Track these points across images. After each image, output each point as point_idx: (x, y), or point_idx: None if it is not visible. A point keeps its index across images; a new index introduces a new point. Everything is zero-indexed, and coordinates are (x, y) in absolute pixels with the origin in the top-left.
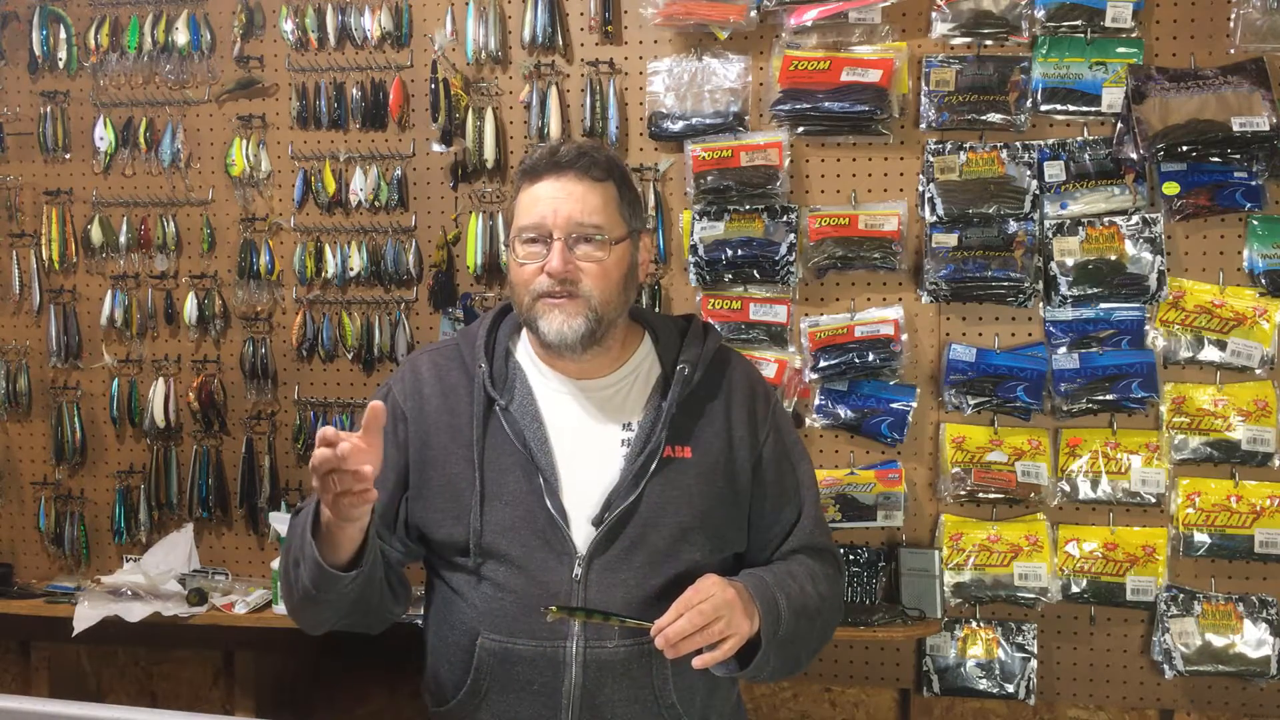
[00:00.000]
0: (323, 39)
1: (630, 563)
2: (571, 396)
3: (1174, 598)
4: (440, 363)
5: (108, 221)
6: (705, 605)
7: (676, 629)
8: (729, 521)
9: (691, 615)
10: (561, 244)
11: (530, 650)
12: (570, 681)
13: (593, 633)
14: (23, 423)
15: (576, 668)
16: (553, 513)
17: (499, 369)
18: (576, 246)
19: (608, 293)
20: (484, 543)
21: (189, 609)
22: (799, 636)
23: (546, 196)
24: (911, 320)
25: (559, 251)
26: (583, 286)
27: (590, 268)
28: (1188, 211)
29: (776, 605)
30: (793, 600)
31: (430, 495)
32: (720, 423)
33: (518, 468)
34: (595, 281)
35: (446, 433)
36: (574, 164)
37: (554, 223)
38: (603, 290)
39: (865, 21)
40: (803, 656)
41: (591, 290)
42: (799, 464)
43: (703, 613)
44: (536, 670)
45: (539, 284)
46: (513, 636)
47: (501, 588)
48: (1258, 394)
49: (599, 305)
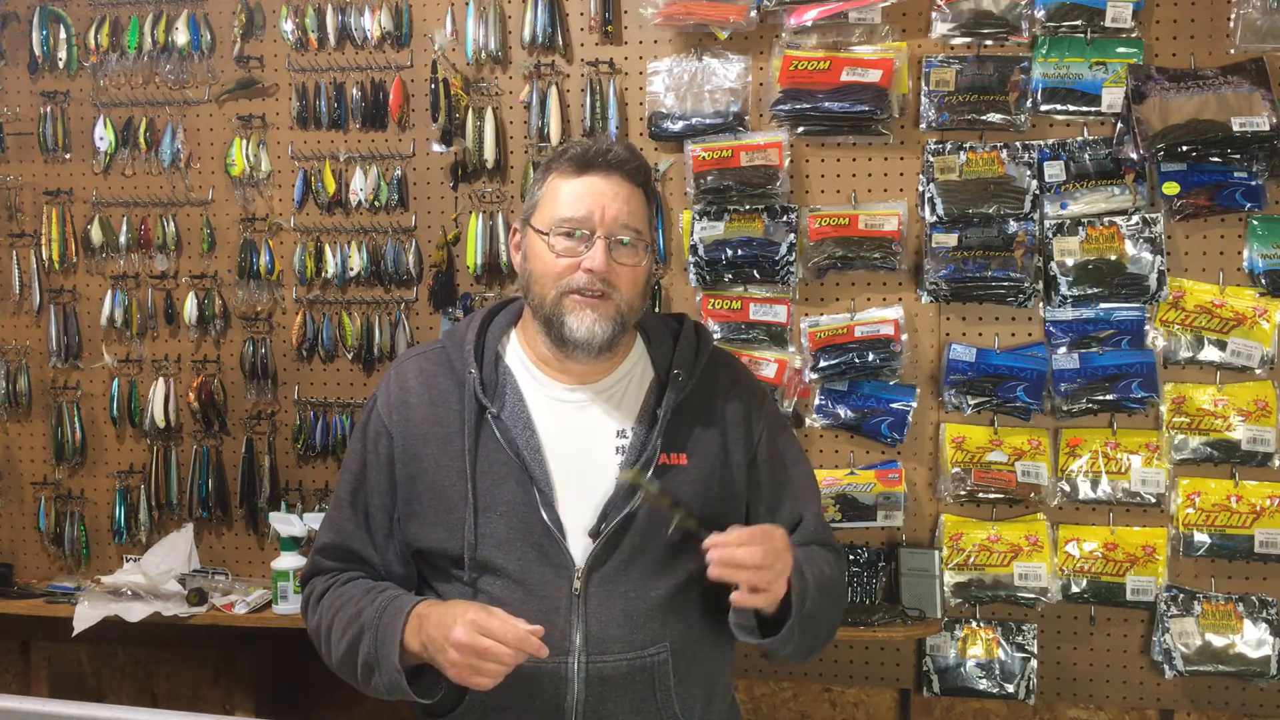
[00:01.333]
0: (323, 39)
1: (629, 574)
2: (565, 403)
3: (1174, 598)
4: (427, 369)
5: (108, 221)
6: (768, 547)
7: (741, 554)
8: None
9: (754, 550)
10: (605, 243)
11: (531, 666)
12: (573, 697)
13: (594, 648)
14: (23, 423)
15: (579, 683)
16: (549, 524)
17: (489, 375)
18: (616, 248)
19: (635, 299)
20: (478, 556)
21: (189, 609)
22: (820, 614)
23: (595, 192)
24: (911, 320)
25: (602, 249)
26: (617, 288)
27: (625, 272)
28: (1188, 211)
29: (804, 578)
30: (815, 577)
31: (421, 509)
32: (714, 427)
33: (511, 478)
34: (628, 286)
35: (436, 443)
36: (624, 165)
37: (601, 219)
38: (632, 296)
39: (865, 21)
40: (820, 637)
41: (624, 293)
42: (796, 464)
43: (766, 553)
44: (538, 687)
45: (574, 279)
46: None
47: (498, 602)
48: (1258, 394)
49: (627, 310)
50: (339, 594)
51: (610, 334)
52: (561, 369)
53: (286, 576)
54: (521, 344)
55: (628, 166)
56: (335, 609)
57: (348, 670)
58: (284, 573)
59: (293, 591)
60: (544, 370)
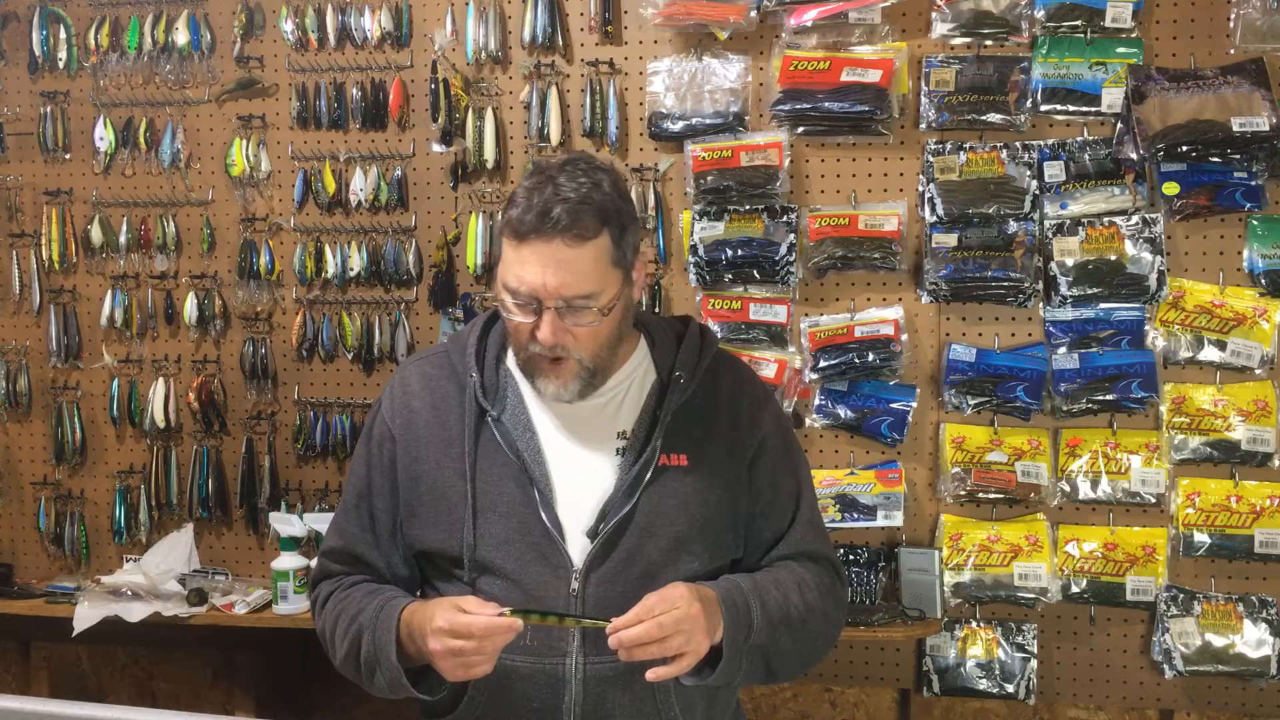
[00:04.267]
0: (323, 39)
1: (627, 575)
2: (565, 404)
3: (1174, 598)
4: (430, 373)
5: (108, 221)
6: (666, 618)
7: (632, 635)
8: (728, 529)
9: (650, 626)
10: (552, 313)
11: (528, 667)
12: (570, 698)
13: (592, 648)
14: (23, 423)
15: (576, 684)
16: (548, 525)
17: (490, 378)
18: (567, 315)
19: (600, 351)
20: (478, 556)
21: (189, 609)
22: (775, 646)
23: (536, 263)
24: (911, 320)
25: (549, 322)
26: (574, 351)
27: (582, 333)
28: (1188, 211)
29: (750, 614)
30: (769, 609)
31: (422, 510)
32: (717, 429)
33: (511, 479)
34: (587, 345)
35: (438, 445)
36: (567, 229)
37: (544, 293)
38: (595, 351)
39: (865, 21)
40: (784, 667)
41: (583, 353)
42: (795, 469)
43: (662, 625)
44: (535, 688)
45: (531, 346)
46: (510, 653)
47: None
48: (1258, 394)
49: (592, 363)
50: (342, 597)
51: (579, 388)
52: None
53: (286, 576)
54: None
55: (572, 229)
56: (338, 612)
57: (351, 670)
58: (284, 573)
59: (293, 591)
60: None
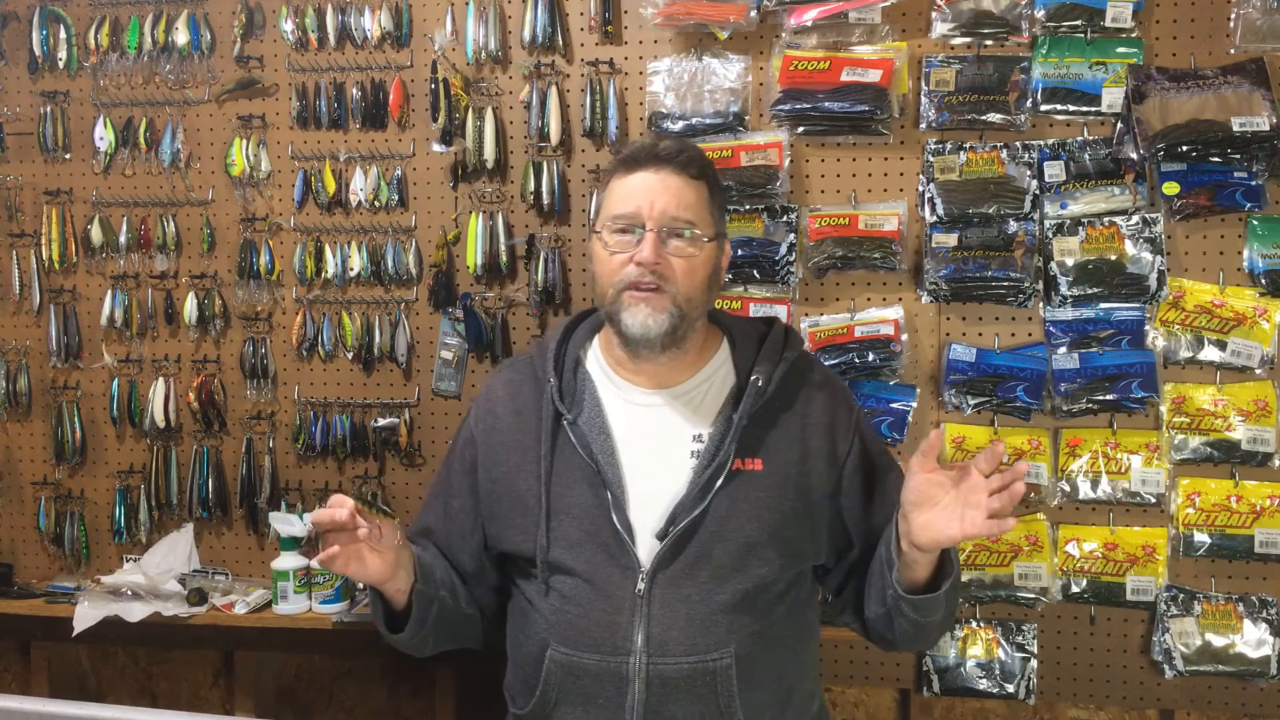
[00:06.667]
0: (323, 39)
1: (695, 577)
2: (641, 407)
3: (1174, 598)
4: (514, 379)
5: (108, 221)
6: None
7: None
8: (801, 535)
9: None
10: (654, 235)
11: (595, 664)
12: (633, 697)
13: (656, 649)
14: (23, 423)
15: (639, 683)
16: (618, 527)
17: (568, 382)
18: (668, 240)
19: (693, 290)
20: (550, 558)
21: (189, 609)
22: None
23: (643, 187)
24: (911, 320)
25: (651, 242)
26: (670, 280)
27: (680, 263)
28: (1188, 211)
29: (957, 563)
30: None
31: (501, 513)
32: (795, 434)
33: (584, 482)
34: (683, 277)
35: (517, 450)
36: (673, 158)
37: (649, 214)
38: (689, 286)
39: (865, 21)
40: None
41: (678, 285)
42: (889, 471)
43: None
44: (601, 685)
45: (627, 273)
46: (578, 650)
47: (568, 600)
48: (1258, 394)
49: (684, 302)
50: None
51: (667, 326)
52: (638, 372)
53: (286, 576)
54: (601, 350)
55: (678, 159)
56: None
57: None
58: (284, 573)
59: (293, 591)
60: (621, 375)
